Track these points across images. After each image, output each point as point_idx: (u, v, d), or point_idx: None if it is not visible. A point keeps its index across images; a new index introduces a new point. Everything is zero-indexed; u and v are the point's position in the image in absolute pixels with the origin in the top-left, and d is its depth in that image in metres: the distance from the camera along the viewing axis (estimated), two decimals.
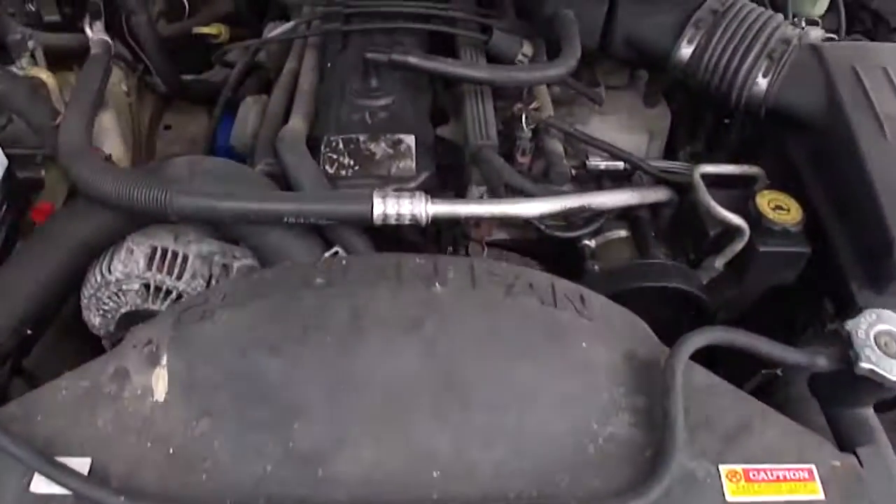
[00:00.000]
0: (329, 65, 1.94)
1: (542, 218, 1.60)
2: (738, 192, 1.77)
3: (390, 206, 1.50)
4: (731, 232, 1.68)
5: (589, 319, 1.35)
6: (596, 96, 1.98)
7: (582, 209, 1.65)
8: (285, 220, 1.51)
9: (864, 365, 1.26)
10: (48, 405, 1.27)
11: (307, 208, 1.50)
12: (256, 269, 1.69)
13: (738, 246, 1.68)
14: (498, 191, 1.70)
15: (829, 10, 2.22)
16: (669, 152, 2.09)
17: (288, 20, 2.16)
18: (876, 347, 1.28)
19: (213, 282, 1.69)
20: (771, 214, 1.66)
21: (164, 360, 1.25)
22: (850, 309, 1.61)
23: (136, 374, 1.26)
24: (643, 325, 1.44)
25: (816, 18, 2.20)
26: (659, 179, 1.82)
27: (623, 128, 2.02)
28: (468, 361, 1.25)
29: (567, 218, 1.78)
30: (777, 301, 1.85)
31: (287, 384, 1.19)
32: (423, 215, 1.51)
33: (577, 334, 1.32)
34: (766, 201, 1.69)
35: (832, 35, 2.18)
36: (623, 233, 1.80)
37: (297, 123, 1.75)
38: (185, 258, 1.68)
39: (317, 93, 1.88)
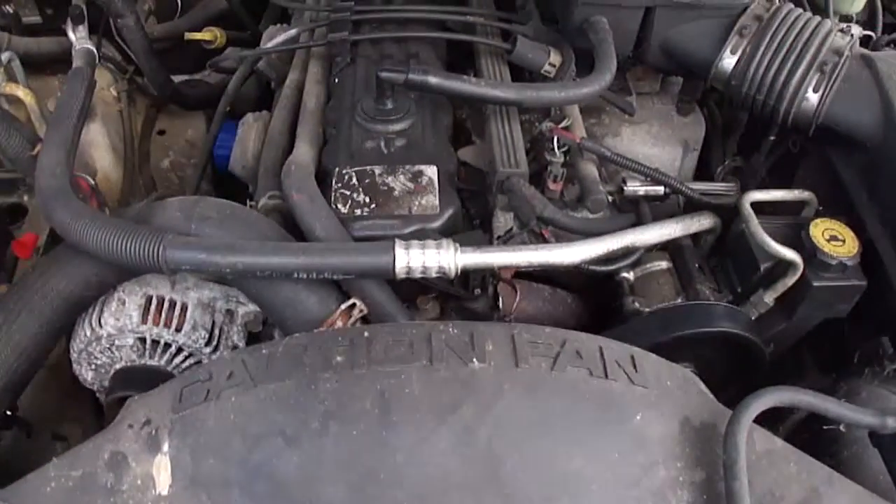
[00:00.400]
0: (336, 80, 1.73)
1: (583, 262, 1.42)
2: (789, 222, 1.59)
3: (415, 258, 1.32)
4: (784, 265, 1.51)
5: (643, 386, 1.21)
6: (627, 106, 1.79)
7: (626, 250, 1.47)
8: (295, 275, 1.33)
9: None
10: (36, 499, 1.11)
11: (320, 262, 1.31)
12: (259, 316, 1.52)
13: (791, 280, 1.51)
14: (529, 224, 1.52)
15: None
16: (703, 166, 1.91)
17: (288, 22, 1.94)
18: None
19: (216, 331, 1.51)
20: (827, 247, 1.49)
21: (166, 447, 1.10)
22: None
23: (136, 462, 1.11)
24: (697, 383, 1.29)
25: (853, 14, 2.00)
26: (701, 204, 1.64)
27: (656, 139, 1.84)
28: (512, 451, 1.10)
29: None
30: (830, 334, 1.69)
31: (306, 482, 1.06)
32: (452, 267, 1.33)
33: (631, 406, 1.18)
34: (821, 231, 1.52)
35: (869, 33, 1.99)
36: (664, 264, 1.62)
37: (304, 152, 1.55)
38: (184, 307, 1.49)
39: (324, 112, 1.68)
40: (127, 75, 2.18)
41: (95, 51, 1.79)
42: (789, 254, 1.48)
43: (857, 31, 1.95)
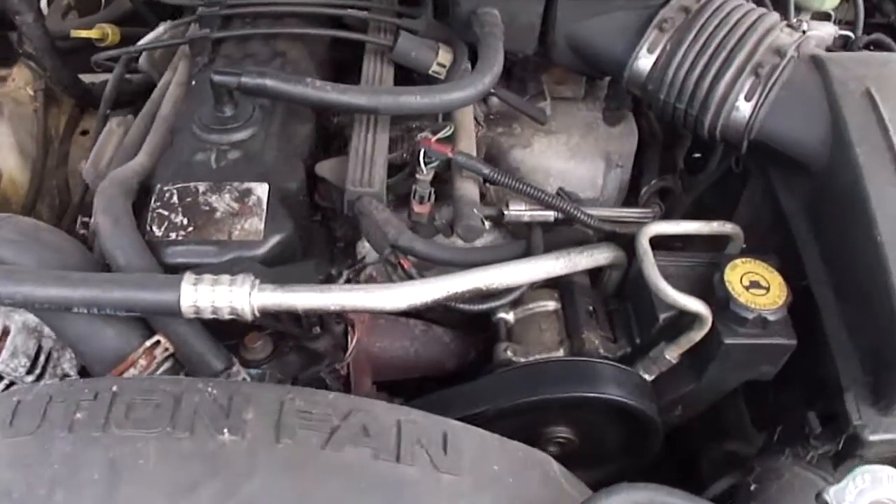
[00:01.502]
0: (193, 83, 1.45)
1: (411, 308, 1.11)
2: (704, 261, 1.25)
3: (203, 296, 1.04)
4: (690, 317, 1.17)
5: (451, 474, 0.91)
6: (538, 114, 1.47)
7: (476, 292, 1.15)
8: (75, 310, 1.07)
9: None
10: None
11: (100, 296, 1.05)
12: None
13: (698, 335, 1.18)
14: (384, 253, 1.22)
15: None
16: (635, 186, 1.56)
17: None
18: None
19: (42, 358, 1.26)
20: (743, 296, 1.15)
21: None
22: (840, 428, 1.12)
23: None
24: (548, 468, 1.02)
25: (829, 11, 1.62)
26: (604, 234, 1.32)
27: (573, 152, 1.50)
28: None
29: None
30: (751, 400, 1.35)
31: None
32: (247, 308, 1.05)
33: (428, 498, 0.92)
34: (739, 276, 1.18)
35: (847, 33, 1.61)
36: (551, 305, 1.30)
37: (138, 164, 1.28)
38: (6, 331, 1.25)
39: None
40: (47, 73, 1.95)
41: None
42: (692, 304, 1.15)
43: (830, 29, 1.59)
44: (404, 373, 1.36)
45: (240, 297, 1.04)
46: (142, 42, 1.56)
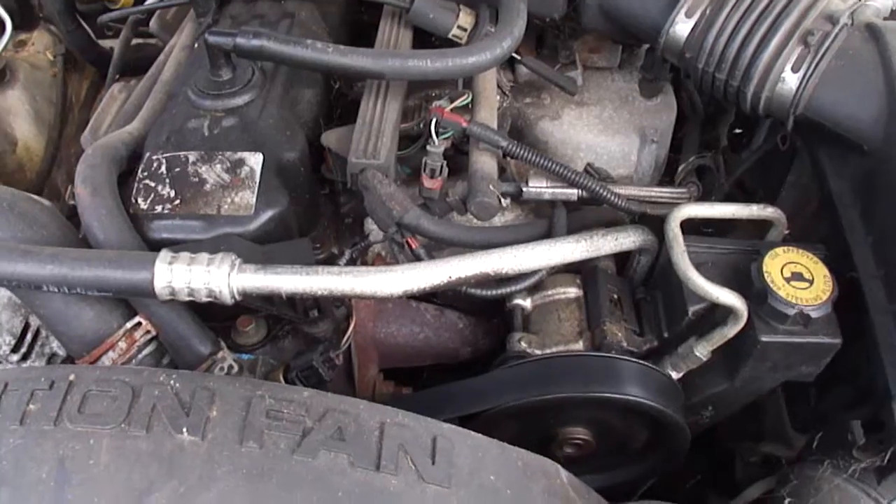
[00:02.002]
0: (196, 45, 1.33)
1: (407, 294, 0.98)
2: (744, 248, 1.09)
3: (179, 277, 0.92)
4: (723, 310, 1.02)
5: (438, 484, 0.79)
6: (568, 83, 1.32)
7: (482, 278, 1.02)
8: (44, 288, 0.96)
9: None
10: None
11: (69, 274, 0.94)
12: None
13: (731, 331, 1.03)
14: (388, 231, 1.09)
15: None
16: (672, 165, 1.40)
17: None
18: None
19: (28, 336, 1.17)
20: (783, 289, 1.00)
21: None
22: (887, 439, 0.96)
23: None
24: (553, 478, 0.91)
25: None
26: (632, 214, 1.17)
27: (606, 126, 1.34)
28: None
29: None
30: (790, 399, 1.19)
31: None
32: (226, 290, 0.93)
33: None
34: (780, 266, 1.02)
35: None
36: (573, 292, 1.16)
37: (130, 130, 1.17)
38: None
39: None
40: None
41: None
42: (726, 296, 1.00)
43: (887, 2, 1.40)
44: (413, 360, 1.24)
45: (218, 278, 0.93)
46: (148, 1, 1.45)
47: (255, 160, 1.09)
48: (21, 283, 0.97)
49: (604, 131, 1.34)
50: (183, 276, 0.93)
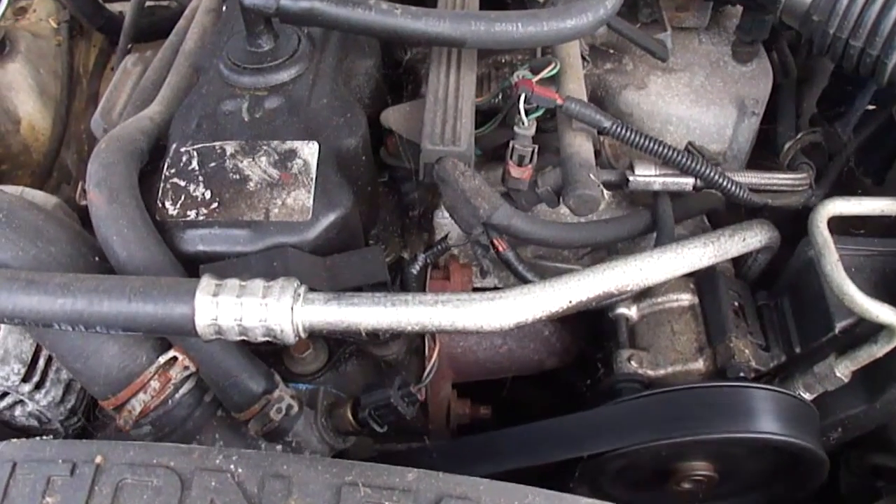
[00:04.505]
0: (225, 7, 1.02)
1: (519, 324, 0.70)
2: (887, 248, 0.81)
3: (227, 311, 0.64)
4: (873, 327, 0.75)
5: None
6: (658, 48, 1.02)
7: (607, 297, 0.74)
8: (55, 326, 0.67)
9: None
10: None
11: (83, 311, 0.66)
12: None
13: (882, 350, 0.76)
14: (472, 232, 0.81)
15: None
16: (764, 139, 1.10)
17: None
18: None
19: (41, 363, 0.88)
20: None
21: None
22: None
23: None
24: None
25: None
26: (752, 206, 0.88)
27: (698, 95, 1.04)
28: None
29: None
30: None
31: None
32: (290, 329, 0.65)
33: None
34: None
35: None
36: (686, 299, 0.88)
37: (150, 115, 0.86)
38: None
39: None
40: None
41: None
42: (887, 315, 0.72)
43: None
44: (493, 374, 0.97)
45: (278, 312, 0.64)
46: None
47: (308, 150, 0.78)
48: (25, 321, 0.68)
49: (697, 102, 1.04)
50: (232, 310, 0.64)
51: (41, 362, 0.89)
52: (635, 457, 0.78)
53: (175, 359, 0.76)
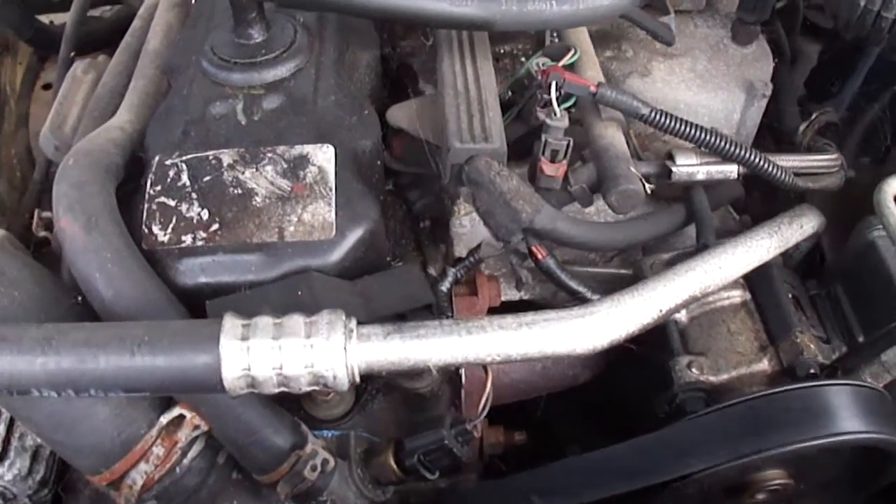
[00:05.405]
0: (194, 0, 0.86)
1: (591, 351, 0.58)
2: None
3: (262, 358, 0.49)
4: None
5: None
6: (663, 31, 0.92)
7: (691, 301, 0.62)
8: (34, 392, 0.51)
9: None
10: None
11: (71, 370, 0.49)
12: None
13: None
14: (511, 240, 0.68)
15: None
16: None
17: None
18: None
19: (2, 428, 0.69)
20: None
21: None
22: None
23: None
24: None
25: None
26: (792, 190, 0.79)
27: (704, 80, 0.95)
28: None
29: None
30: None
31: None
32: (344, 374, 0.50)
33: None
34: None
35: None
36: (738, 295, 0.77)
37: (119, 123, 0.70)
38: None
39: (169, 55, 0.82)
40: None
41: None
42: None
43: None
44: (526, 395, 0.84)
45: (329, 354, 0.49)
46: None
47: (323, 155, 0.64)
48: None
49: (703, 87, 0.94)
50: (268, 356, 0.49)
51: (1, 428, 0.72)
52: (713, 477, 0.68)
53: (182, 417, 0.60)
